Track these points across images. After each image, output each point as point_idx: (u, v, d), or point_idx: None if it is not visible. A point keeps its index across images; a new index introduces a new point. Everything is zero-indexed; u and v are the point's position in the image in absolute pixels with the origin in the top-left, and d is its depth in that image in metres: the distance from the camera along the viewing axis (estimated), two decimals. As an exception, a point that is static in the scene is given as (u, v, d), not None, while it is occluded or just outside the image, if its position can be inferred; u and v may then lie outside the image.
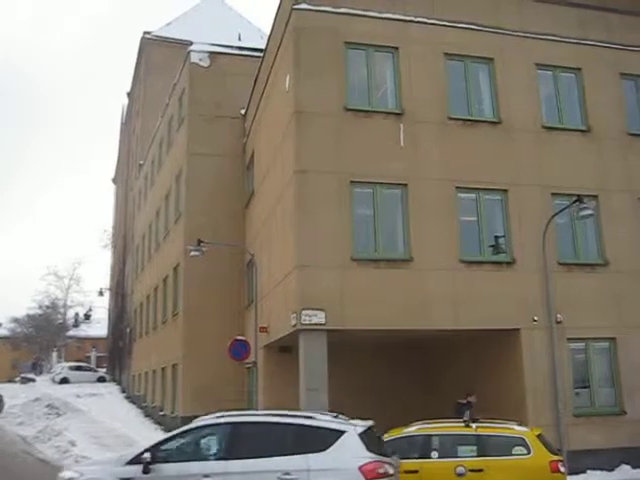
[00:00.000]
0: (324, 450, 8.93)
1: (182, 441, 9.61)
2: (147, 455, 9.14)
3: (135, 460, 9.22)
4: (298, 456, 8.89)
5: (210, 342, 22.79)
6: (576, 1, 18.91)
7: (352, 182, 15.92)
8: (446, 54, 17.43)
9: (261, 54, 22.47)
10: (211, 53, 26.86)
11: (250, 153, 24.13)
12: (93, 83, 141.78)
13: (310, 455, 8.88)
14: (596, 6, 19.13)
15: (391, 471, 9.12)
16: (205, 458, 9.36)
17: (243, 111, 25.68)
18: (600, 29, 19.04)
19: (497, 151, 17.28)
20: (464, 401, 15.38)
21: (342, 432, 9.10)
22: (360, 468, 8.69)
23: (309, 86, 16.26)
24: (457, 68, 17.62)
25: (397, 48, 17.06)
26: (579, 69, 18.58)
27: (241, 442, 9.24)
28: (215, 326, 23.27)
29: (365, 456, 8.86)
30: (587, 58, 18.65)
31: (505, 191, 17.07)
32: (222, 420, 9.62)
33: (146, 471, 9.03)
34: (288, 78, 16.94)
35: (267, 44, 20.83)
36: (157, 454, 9.24)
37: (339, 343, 15.89)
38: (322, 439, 9.04)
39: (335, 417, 9.75)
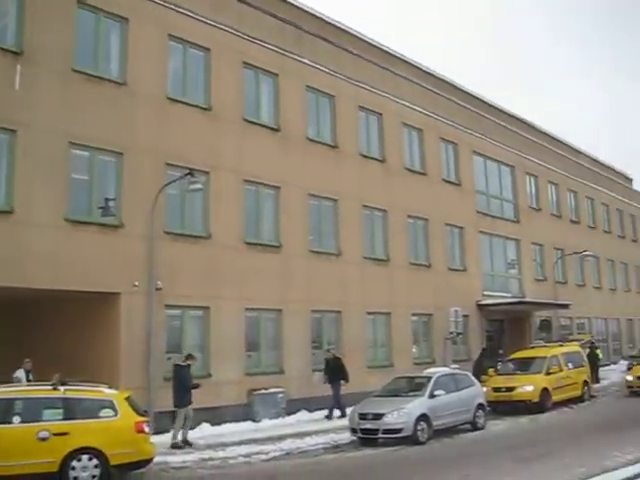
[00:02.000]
0: None
1: None
2: None
3: None
4: None
5: None
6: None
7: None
8: (79, 2, 16.55)
9: None
10: None
11: None
12: None
13: None
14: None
15: None
16: None
17: None
18: (232, 18, 20.01)
19: (118, 112, 17.02)
20: (184, 363, 15.58)
21: None
22: None
23: None
24: (88, 20, 16.88)
25: (23, -19, 15.64)
26: (208, 49, 19.31)
27: None
28: None
29: None
30: (217, 41, 19.47)
31: (121, 154, 16.95)
32: None
33: None
34: None
35: None
36: None
37: None
38: None
39: None
